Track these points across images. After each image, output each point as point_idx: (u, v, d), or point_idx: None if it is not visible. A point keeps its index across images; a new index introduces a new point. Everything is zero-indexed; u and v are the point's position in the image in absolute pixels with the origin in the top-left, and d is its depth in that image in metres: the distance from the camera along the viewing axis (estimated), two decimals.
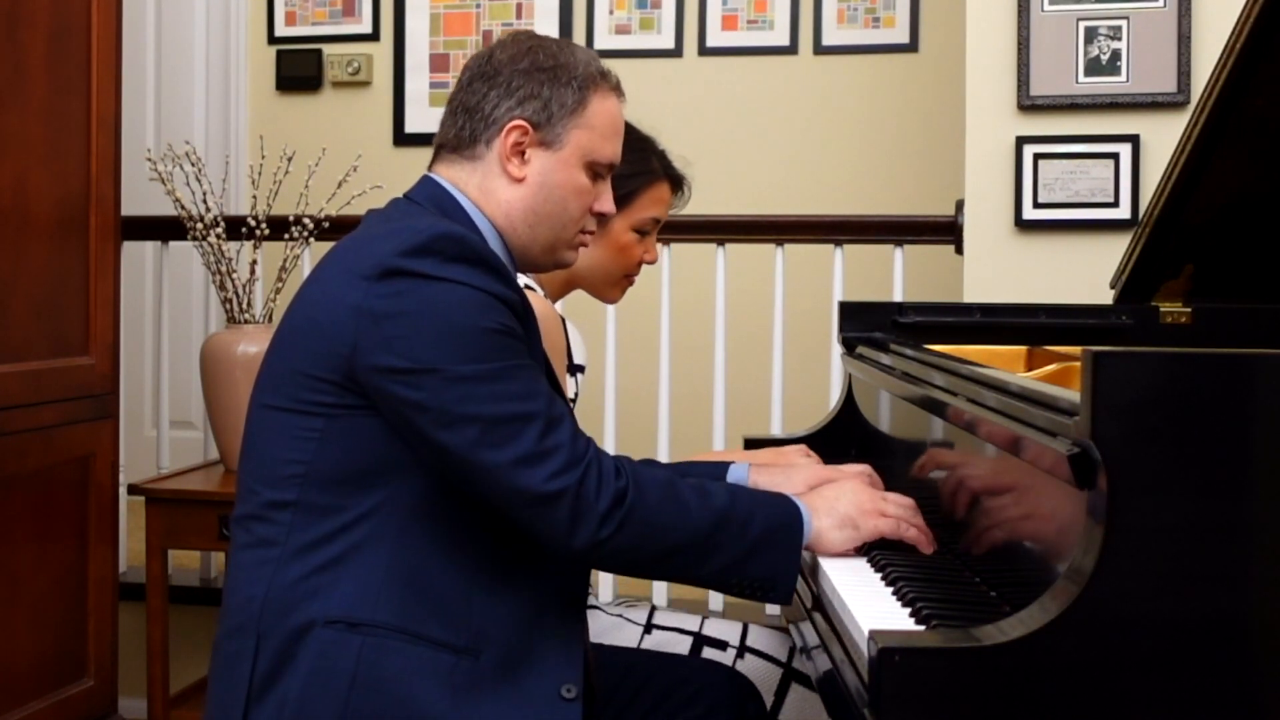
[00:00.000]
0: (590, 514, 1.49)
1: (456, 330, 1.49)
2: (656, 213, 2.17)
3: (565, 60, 1.68)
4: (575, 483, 1.48)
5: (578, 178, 1.69)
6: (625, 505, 1.50)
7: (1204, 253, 2.22)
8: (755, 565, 1.57)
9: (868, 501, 1.68)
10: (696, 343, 3.78)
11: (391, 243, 1.53)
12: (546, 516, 1.49)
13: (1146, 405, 1.22)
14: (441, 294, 1.50)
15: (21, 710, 2.67)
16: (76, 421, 2.81)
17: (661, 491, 1.54)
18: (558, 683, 1.56)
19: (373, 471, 1.53)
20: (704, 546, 1.55)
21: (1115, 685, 1.21)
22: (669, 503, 1.54)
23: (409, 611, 1.52)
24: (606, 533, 1.49)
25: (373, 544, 1.53)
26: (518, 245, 1.70)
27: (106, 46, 2.84)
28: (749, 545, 1.56)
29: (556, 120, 1.66)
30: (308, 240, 3.25)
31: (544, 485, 1.48)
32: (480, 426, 1.48)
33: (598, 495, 1.49)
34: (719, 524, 1.55)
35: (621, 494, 1.50)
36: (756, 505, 1.59)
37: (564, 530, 1.49)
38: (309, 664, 1.51)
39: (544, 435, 1.49)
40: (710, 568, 1.56)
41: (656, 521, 1.52)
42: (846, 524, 1.65)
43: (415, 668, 1.51)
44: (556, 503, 1.48)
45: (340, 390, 1.53)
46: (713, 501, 1.56)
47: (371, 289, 1.51)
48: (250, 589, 1.55)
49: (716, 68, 4.75)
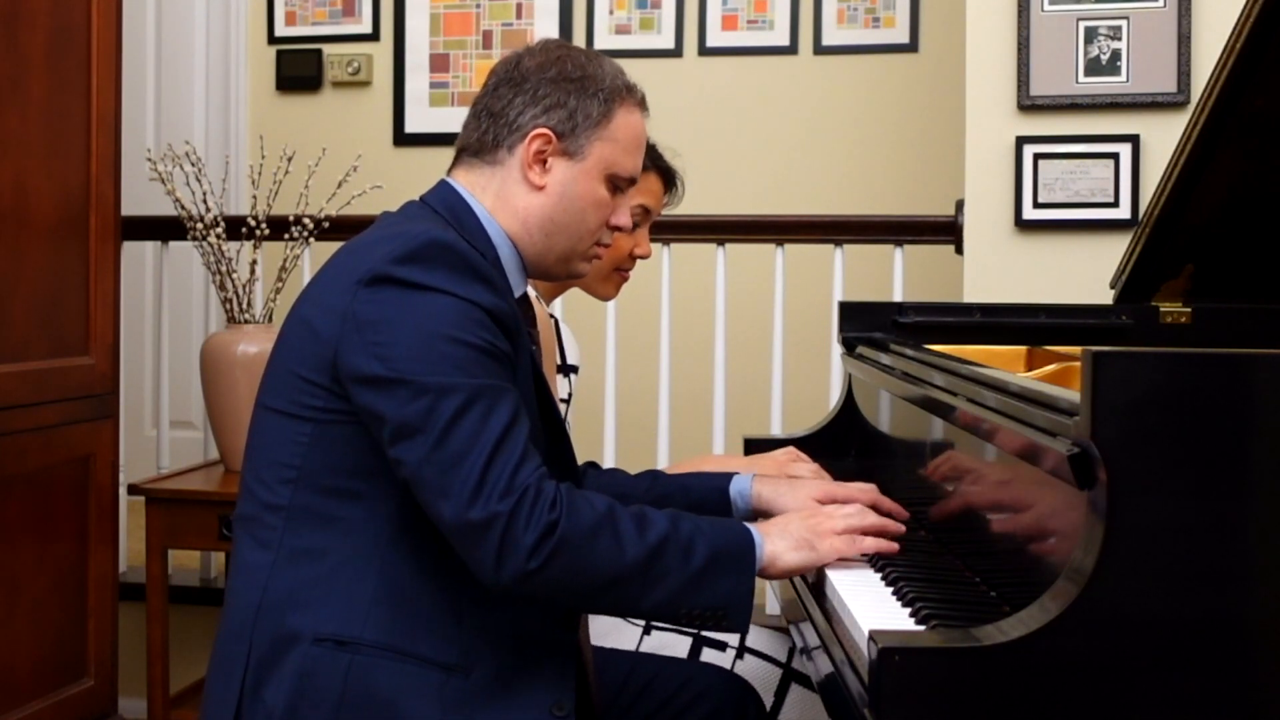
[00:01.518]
0: (518, 546, 1.43)
1: (433, 342, 1.47)
2: (644, 201, 2.14)
3: (593, 72, 1.68)
4: (505, 513, 1.43)
5: (598, 190, 1.68)
6: (555, 538, 1.43)
7: (1204, 253, 2.22)
8: (704, 594, 1.50)
9: (819, 524, 1.63)
10: (696, 343, 3.78)
11: (386, 248, 1.53)
12: (473, 545, 1.45)
13: (1146, 405, 1.22)
14: (423, 303, 1.49)
15: (21, 710, 2.67)
16: (76, 421, 2.81)
17: (595, 522, 1.47)
18: (548, 700, 1.55)
19: (360, 479, 1.53)
20: (644, 578, 1.48)
21: (1115, 685, 1.21)
22: (602, 534, 1.47)
23: (398, 629, 1.51)
24: (534, 565, 1.43)
25: (362, 559, 1.52)
26: (532, 253, 1.69)
27: (106, 46, 2.84)
28: (694, 573, 1.50)
29: (581, 131, 1.65)
30: (308, 240, 3.25)
31: (470, 514, 1.43)
32: (430, 444, 1.45)
33: (526, 527, 1.43)
34: (658, 553, 1.48)
35: (552, 526, 1.44)
36: (699, 532, 1.52)
37: (491, 561, 1.44)
38: (294, 679, 1.51)
39: (488, 464, 1.44)
40: (653, 599, 1.49)
41: (590, 555, 1.46)
42: (803, 545, 1.60)
43: (405, 685, 1.50)
44: (484, 532, 1.43)
45: (328, 394, 1.53)
46: (652, 531, 1.50)
47: (360, 294, 1.51)
48: (247, 594, 1.55)
49: (716, 68, 4.75)
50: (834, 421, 2.37)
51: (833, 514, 1.65)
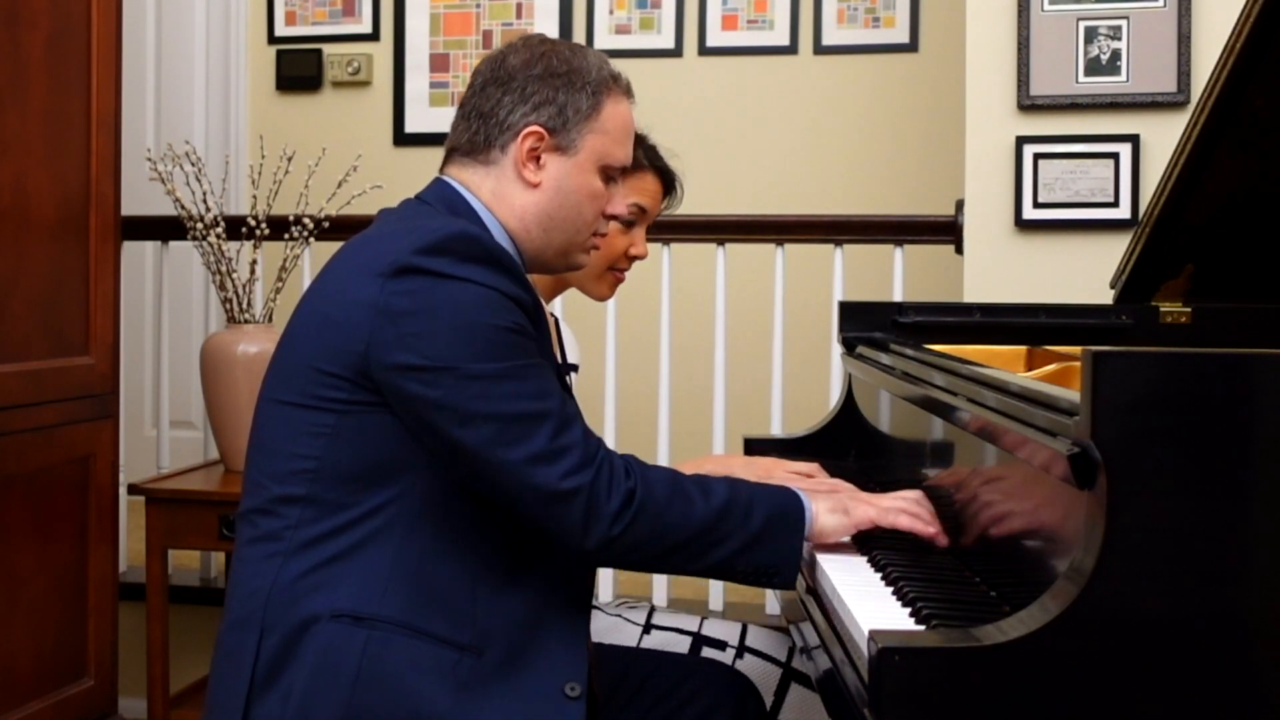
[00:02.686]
0: (603, 513, 1.51)
1: (472, 328, 1.51)
2: (639, 200, 2.12)
3: (578, 65, 1.69)
4: (589, 482, 1.51)
5: (592, 182, 1.70)
6: (635, 504, 1.53)
7: (1204, 253, 2.22)
8: (759, 554, 1.60)
9: (863, 493, 1.74)
10: (696, 343, 3.78)
11: (407, 240, 1.54)
12: (560, 515, 1.51)
13: (1146, 405, 1.22)
14: (457, 292, 1.52)
15: (21, 710, 2.67)
16: (76, 421, 2.81)
17: (668, 488, 1.57)
18: (561, 681, 1.57)
19: (384, 469, 1.54)
20: (710, 539, 1.57)
21: (1115, 685, 1.21)
22: (675, 499, 1.56)
23: (414, 607, 1.53)
24: (618, 530, 1.52)
25: (380, 540, 1.54)
26: (531, 249, 1.71)
27: (106, 46, 2.84)
28: (753, 534, 1.59)
29: (572, 126, 1.67)
30: (308, 240, 3.25)
31: (558, 483, 1.50)
32: (496, 424, 1.50)
33: (609, 494, 1.52)
34: (723, 516, 1.58)
35: (631, 493, 1.53)
36: (756, 495, 1.62)
37: (578, 529, 1.51)
38: (314, 657, 1.51)
39: (557, 434, 1.51)
40: (715, 558, 1.59)
41: (664, 518, 1.55)
42: (838, 509, 1.69)
43: (419, 663, 1.52)
44: (570, 501, 1.50)
45: (353, 387, 1.54)
46: (715, 494, 1.59)
47: (387, 286, 1.52)
48: (255, 583, 1.56)
49: (716, 68, 4.75)
50: (834, 421, 2.37)
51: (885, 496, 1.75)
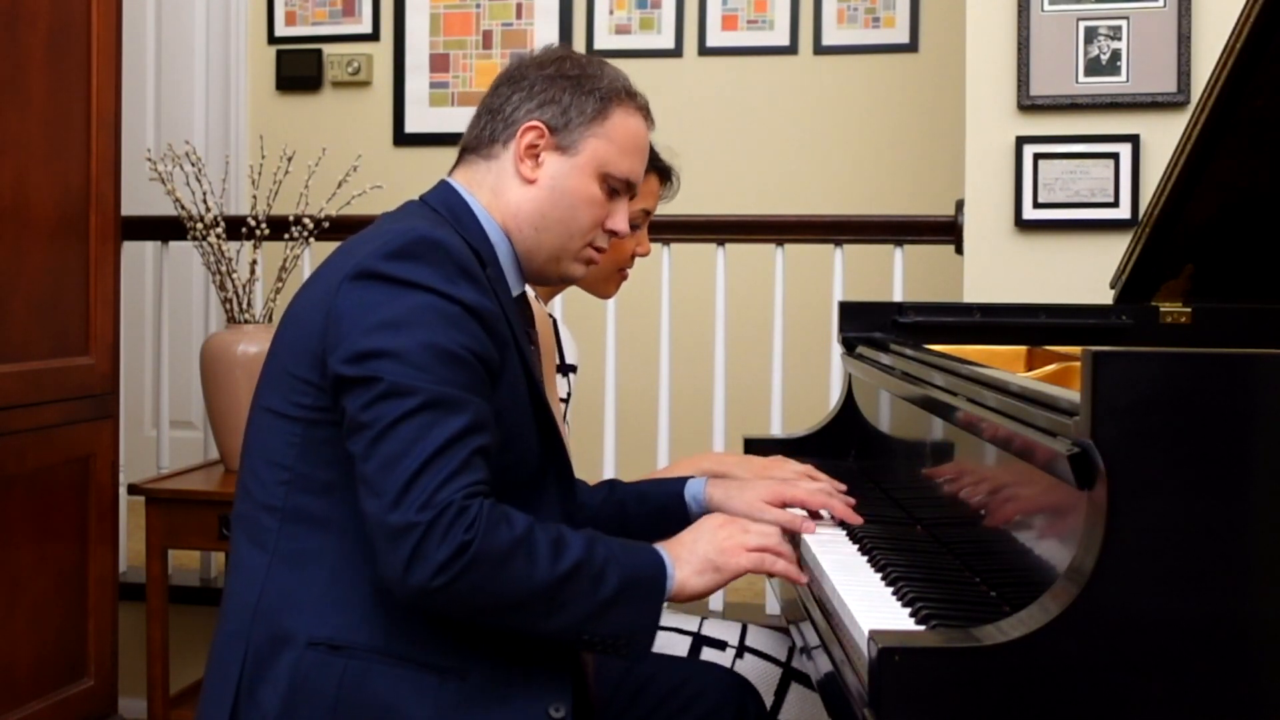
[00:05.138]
0: (427, 560, 1.42)
1: (407, 341, 1.47)
2: (646, 204, 2.17)
3: (592, 72, 1.68)
4: (423, 524, 1.42)
5: (590, 187, 1.67)
6: (466, 556, 1.43)
7: (1204, 253, 2.22)
8: (610, 621, 1.51)
9: (726, 539, 1.61)
10: (696, 343, 3.78)
11: (375, 244, 1.53)
12: (385, 549, 1.44)
13: (1146, 405, 1.22)
14: (407, 300, 1.49)
15: (21, 710, 2.67)
16: (76, 421, 2.81)
17: (511, 546, 1.46)
18: (545, 702, 1.55)
19: (348, 480, 1.51)
20: (551, 603, 1.48)
21: (1115, 685, 1.21)
22: (517, 558, 1.46)
23: (393, 633, 1.51)
24: (440, 582, 1.43)
25: (358, 562, 1.52)
26: (523, 249, 1.68)
27: (106, 46, 2.84)
28: (602, 602, 1.50)
29: (574, 126, 1.66)
30: (308, 240, 3.25)
31: (389, 517, 1.43)
32: (370, 439, 1.45)
33: (440, 543, 1.42)
34: (568, 580, 1.48)
35: (464, 546, 1.43)
36: (612, 560, 1.52)
37: (398, 569, 1.43)
38: (288, 681, 1.51)
39: (418, 472, 1.43)
40: (558, 623, 1.49)
41: (498, 577, 1.45)
42: (707, 568, 1.59)
43: (400, 689, 1.50)
44: (398, 539, 1.43)
45: (317, 391, 1.53)
46: (567, 557, 1.49)
47: (343, 289, 1.51)
48: (244, 596, 1.56)
49: (716, 68, 4.75)
50: (834, 421, 2.37)
51: (748, 528, 1.64)
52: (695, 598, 1.61)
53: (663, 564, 1.56)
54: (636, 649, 1.53)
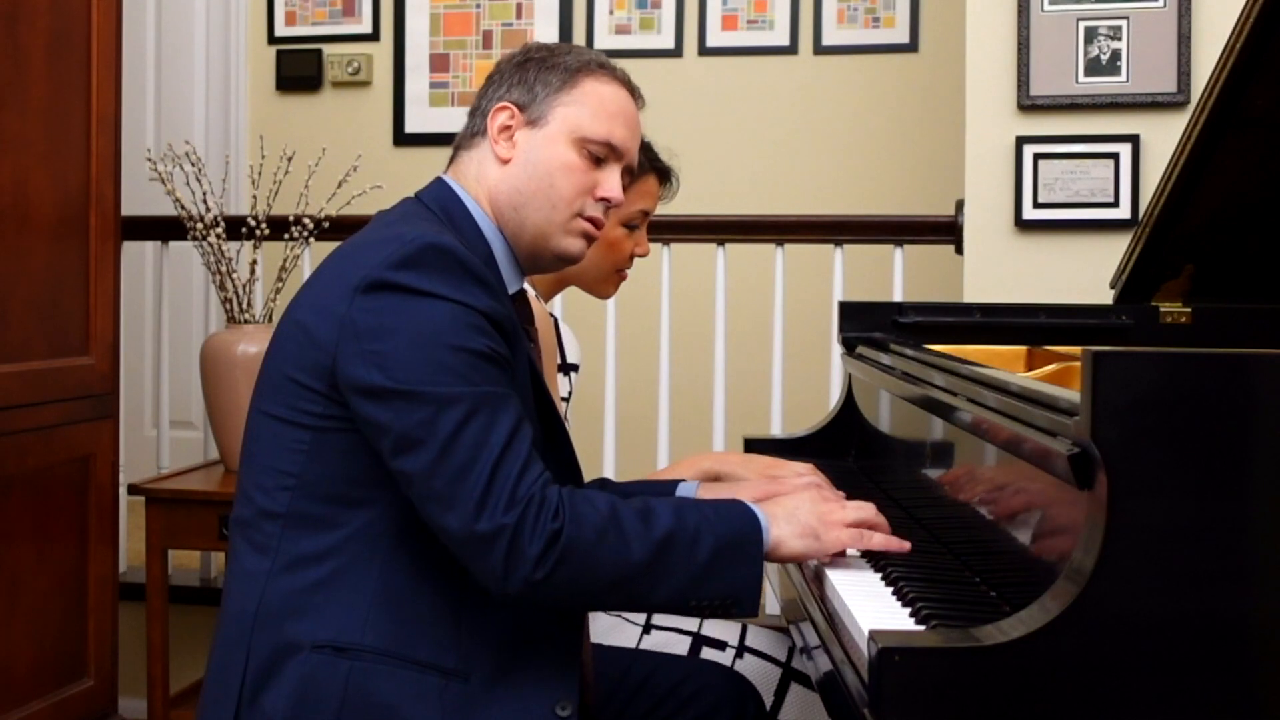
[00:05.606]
0: (524, 557, 1.43)
1: (433, 350, 1.47)
2: (645, 205, 2.18)
3: (560, 53, 1.71)
4: (511, 525, 1.43)
5: (564, 153, 1.66)
6: (559, 546, 1.44)
7: (1204, 253, 2.22)
8: (713, 585, 1.51)
9: (829, 512, 1.61)
10: (696, 343, 3.78)
11: (381, 253, 1.52)
12: (480, 557, 1.45)
13: (1146, 405, 1.22)
14: (424, 310, 1.48)
15: (21, 710, 2.67)
16: (76, 421, 2.81)
17: (601, 526, 1.47)
18: (551, 700, 1.55)
19: (360, 488, 1.52)
20: (651, 575, 1.48)
21: (1115, 685, 1.21)
22: (609, 537, 1.47)
23: (398, 635, 1.51)
24: (541, 575, 1.44)
25: (361, 565, 1.52)
26: (511, 234, 1.68)
27: (106, 46, 2.84)
28: (702, 565, 1.50)
29: (541, 99, 1.67)
30: (308, 240, 3.25)
31: (476, 526, 1.43)
32: (433, 456, 1.45)
33: (532, 538, 1.43)
34: (663, 549, 1.48)
35: (555, 535, 1.44)
36: (705, 522, 1.52)
37: (499, 573, 1.44)
38: (294, 685, 1.50)
39: (492, 475, 1.44)
40: (662, 593, 1.50)
41: (595, 558, 1.46)
42: (808, 533, 1.58)
43: (405, 690, 1.50)
44: (491, 544, 1.43)
45: (325, 400, 1.52)
46: (656, 526, 1.49)
47: (356, 301, 1.50)
48: (243, 602, 1.55)
49: (716, 68, 4.75)
50: (834, 421, 2.37)
51: (844, 503, 1.65)
52: (791, 560, 1.62)
53: (757, 521, 1.56)
54: (745, 607, 1.53)
